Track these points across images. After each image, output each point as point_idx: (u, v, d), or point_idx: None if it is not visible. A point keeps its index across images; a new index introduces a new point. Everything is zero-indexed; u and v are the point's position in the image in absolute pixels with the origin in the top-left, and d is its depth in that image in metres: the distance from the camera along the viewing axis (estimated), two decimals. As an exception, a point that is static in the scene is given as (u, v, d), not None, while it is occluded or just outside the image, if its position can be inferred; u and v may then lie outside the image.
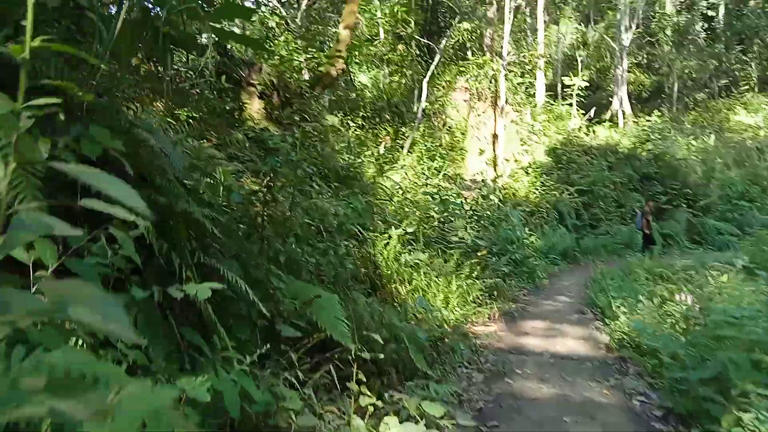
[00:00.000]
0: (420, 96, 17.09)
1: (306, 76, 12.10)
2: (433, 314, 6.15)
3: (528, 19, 32.92)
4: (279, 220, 5.15)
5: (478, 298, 7.56)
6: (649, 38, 33.31)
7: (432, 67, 15.78)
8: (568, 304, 8.69)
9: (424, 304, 6.03)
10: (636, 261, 11.32)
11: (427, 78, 15.43)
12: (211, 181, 5.37)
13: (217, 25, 3.10)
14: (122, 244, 2.18)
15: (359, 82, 20.94)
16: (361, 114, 16.15)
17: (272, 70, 10.23)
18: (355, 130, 15.51)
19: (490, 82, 19.38)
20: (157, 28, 2.61)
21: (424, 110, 16.55)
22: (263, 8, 17.90)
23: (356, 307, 4.71)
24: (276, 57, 10.50)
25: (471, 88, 19.54)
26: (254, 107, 9.86)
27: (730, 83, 31.24)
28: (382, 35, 21.36)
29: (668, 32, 32.73)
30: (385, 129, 16.32)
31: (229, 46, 9.88)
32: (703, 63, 31.07)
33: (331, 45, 14.65)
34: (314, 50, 12.07)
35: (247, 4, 15.51)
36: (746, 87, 30.19)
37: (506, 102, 19.50)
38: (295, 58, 10.81)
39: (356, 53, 18.84)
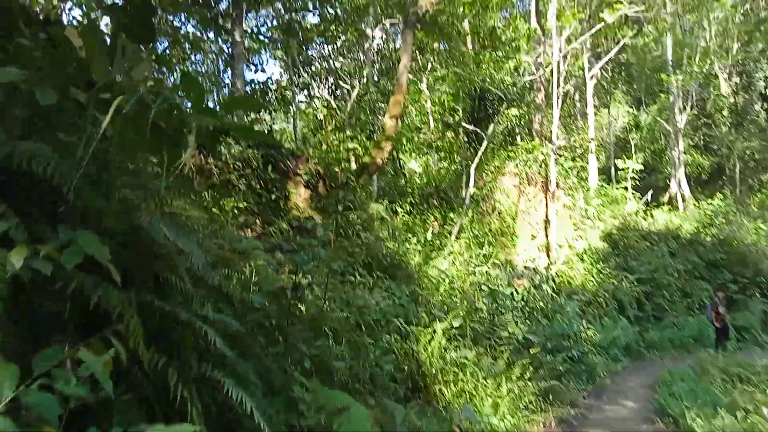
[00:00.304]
0: (468, 181, 16.90)
1: (353, 165, 12.16)
2: (481, 425, 5.49)
3: (578, 104, 32.99)
4: (308, 317, 4.80)
5: (532, 403, 6.82)
6: (705, 119, 32.48)
7: (479, 153, 15.64)
8: (634, 410, 7.74)
9: (470, 414, 5.40)
10: (708, 358, 10.22)
11: (474, 164, 15.26)
12: (241, 277, 5.11)
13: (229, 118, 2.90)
14: (91, 368, 1.87)
15: (409, 168, 21.07)
16: (409, 200, 16.03)
17: (319, 159, 10.30)
18: (403, 216, 15.35)
19: (540, 166, 19.03)
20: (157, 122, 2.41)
21: (472, 196, 16.27)
22: (316, 101, 18.68)
23: (390, 421, 4.19)
24: (323, 147, 10.59)
25: (520, 172, 19.23)
26: (300, 196, 9.83)
27: (796, 163, 29.74)
28: (432, 123, 21.69)
29: (725, 113, 31.88)
30: (433, 215, 16.08)
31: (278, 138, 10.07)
32: (766, 144, 29.84)
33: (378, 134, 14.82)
34: (360, 140, 12.17)
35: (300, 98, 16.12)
36: (814, 167, 28.62)
37: (557, 186, 19.02)
38: (341, 148, 10.89)
39: (405, 141, 19.09)
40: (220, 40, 13.07)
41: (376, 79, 18.33)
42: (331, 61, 16.76)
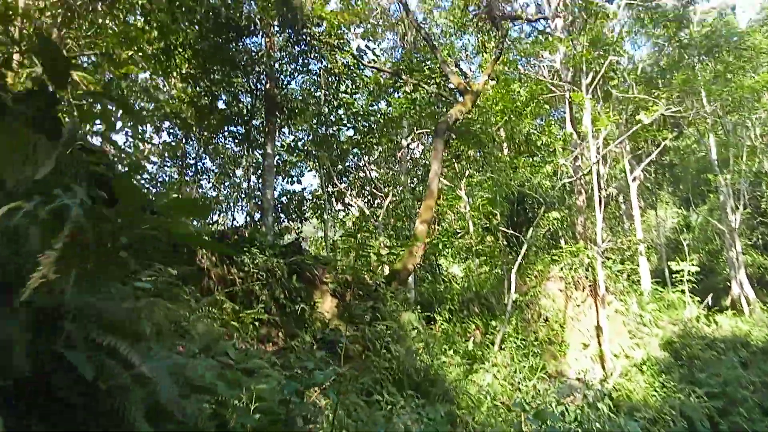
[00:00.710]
0: (510, 287, 16.03)
1: (386, 271, 11.65)
2: None
3: (623, 206, 32.11)
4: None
5: None
6: (761, 218, 30.88)
7: (519, 257, 14.88)
8: None
9: None
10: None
11: (515, 268, 14.46)
12: (239, 402, 4.48)
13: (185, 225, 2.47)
14: None
15: (449, 273, 20.39)
16: (448, 307, 15.21)
17: (347, 267, 9.85)
18: (442, 324, 14.48)
19: (587, 270, 18.00)
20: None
21: (515, 302, 15.32)
22: (352, 208, 18.67)
23: None
24: (352, 254, 10.17)
25: (566, 277, 18.22)
26: (326, 306, 9.29)
27: None
28: (471, 228, 21.24)
29: (781, 211, 30.24)
30: (474, 322, 15.11)
31: (304, 245, 9.76)
32: (831, 241, 27.80)
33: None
34: (393, 246, 11.75)
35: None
36: None
37: (607, 290, 17.84)
38: (372, 254, 10.44)
39: (442, 246, 18.59)
40: (256, 152, 13.45)
41: (412, 186, 18.30)
42: (366, 171, 16.92)
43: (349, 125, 13.57)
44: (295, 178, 14.13)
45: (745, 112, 27.80)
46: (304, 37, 10.38)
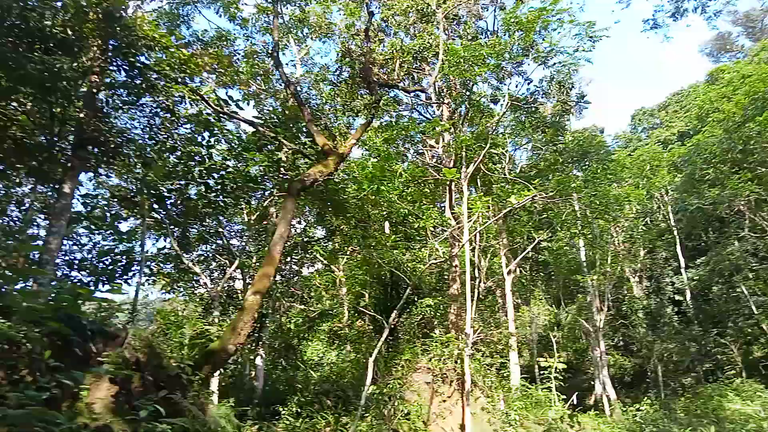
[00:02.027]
0: (373, 377, 13.97)
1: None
2: None
3: (499, 300, 31.70)
4: None
5: None
6: (622, 320, 31.62)
7: (379, 343, 13.01)
8: None
9: None
10: None
11: (373, 356, 12.55)
12: None
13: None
14: None
15: (313, 359, 18.03)
16: (297, 399, 12.83)
17: (144, 343, 7.43)
18: (287, 419, 12.03)
19: (456, 362, 16.47)
20: None
21: (374, 395, 13.24)
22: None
23: None
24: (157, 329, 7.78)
25: (434, 368, 16.55)
26: (98, 394, 6.75)
27: (714, 367, 28.35)
28: (345, 311, 19.27)
29: (640, 314, 31.19)
30: (326, 418, 12.77)
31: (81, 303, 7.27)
32: (682, 346, 28.72)
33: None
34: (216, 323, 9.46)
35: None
36: (732, 372, 27.20)
37: (475, 385, 16.33)
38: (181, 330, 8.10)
39: (308, 328, 16.40)
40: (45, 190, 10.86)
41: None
42: (224, 238, 14.66)
43: (200, 180, 11.51)
44: (108, 232, 11.52)
45: (610, 219, 28.96)
46: (135, 63, 8.50)
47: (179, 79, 9.18)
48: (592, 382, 27.76)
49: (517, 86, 23.16)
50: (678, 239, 31.43)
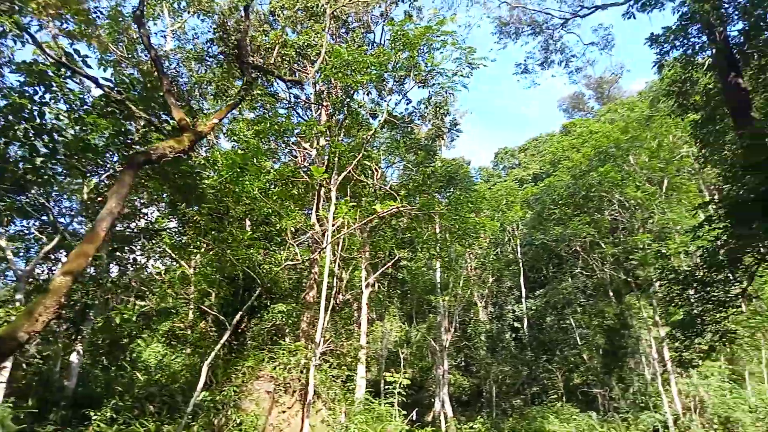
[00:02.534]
0: (207, 382, 12.70)
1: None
2: None
3: (355, 314, 31.48)
4: None
5: None
6: (466, 342, 33.06)
7: (217, 347, 11.85)
8: None
9: None
10: None
11: (209, 360, 11.35)
12: None
13: None
14: None
15: (145, 359, 16.16)
16: (114, 403, 11.17)
17: None
18: (98, 426, 10.38)
19: (301, 372, 15.68)
20: None
21: (205, 401, 12.00)
22: None
23: None
24: None
25: (278, 377, 15.59)
26: None
27: (540, 391, 30.62)
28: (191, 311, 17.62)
29: (483, 338, 32.83)
30: (146, 425, 11.26)
31: None
32: (516, 369, 30.65)
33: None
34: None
35: None
36: (555, 395, 29.57)
37: (318, 397, 15.65)
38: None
39: (140, 327, 14.64)
40: None
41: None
42: (49, 213, 12.47)
43: (25, 141, 9.64)
44: None
45: (466, 245, 30.26)
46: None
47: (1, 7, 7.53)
48: (433, 399, 28.48)
49: (396, 104, 23.39)
50: (522, 270, 33.77)
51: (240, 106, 20.22)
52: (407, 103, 23.66)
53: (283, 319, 18.46)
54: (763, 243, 10.14)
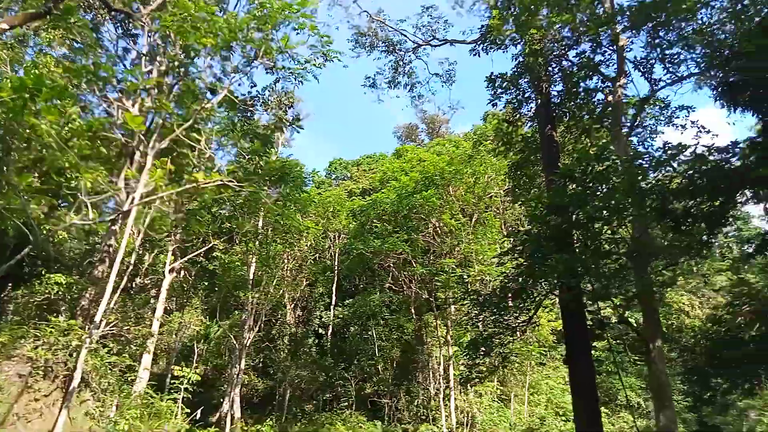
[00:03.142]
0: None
1: None
2: None
3: (153, 300, 28.41)
4: None
5: None
6: (269, 343, 31.92)
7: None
8: None
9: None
10: None
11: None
12: None
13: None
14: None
15: None
16: None
17: None
18: None
19: (70, 355, 13.27)
20: None
21: None
22: None
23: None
24: None
25: (39, 358, 12.98)
26: None
27: (333, 398, 30.71)
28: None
29: (286, 340, 32.03)
30: None
31: None
32: (314, 375, 30.36)
33: None
34: None
35: None
36: (346, 403, 29.89)
37: (87, 386, 13.39)
38: None
39: None
40: None
41: None
42: None
43: None
44: None
45: (287, 244, 29.40)
46: None
47: None
48: (222, 399, 26.75)
49: (239, 84, 21.79)
50: (337, 278, 33.90)
51: (50, 38, 16.96)
52: (252, 86, 22.18)
53: (60, 293, 15.60)
54: (553, 276, 11.11)
